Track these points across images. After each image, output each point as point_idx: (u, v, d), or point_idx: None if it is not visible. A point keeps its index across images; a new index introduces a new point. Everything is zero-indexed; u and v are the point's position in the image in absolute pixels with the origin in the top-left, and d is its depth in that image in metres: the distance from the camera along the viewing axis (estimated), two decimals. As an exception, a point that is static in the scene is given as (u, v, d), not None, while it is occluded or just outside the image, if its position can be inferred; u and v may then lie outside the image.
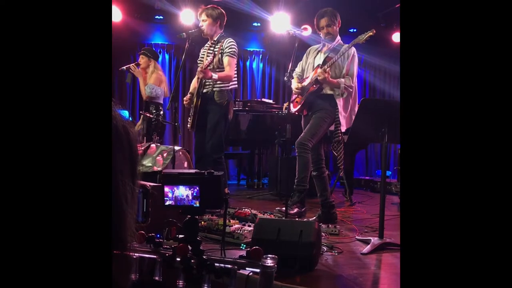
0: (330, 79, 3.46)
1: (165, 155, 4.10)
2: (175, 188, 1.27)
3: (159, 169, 4.00)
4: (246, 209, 3.50)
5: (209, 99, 3.83)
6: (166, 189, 1.27)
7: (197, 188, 1.25)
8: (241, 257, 1.14)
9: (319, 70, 3.48)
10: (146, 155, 4.14)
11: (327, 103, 3.57)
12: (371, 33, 3.37)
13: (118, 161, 0.60)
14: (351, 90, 3.54)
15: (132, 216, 0.61)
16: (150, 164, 4.05)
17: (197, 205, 1.26)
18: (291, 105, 3.76)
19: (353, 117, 3.65)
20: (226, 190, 3.96)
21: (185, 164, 4.37)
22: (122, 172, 0.61)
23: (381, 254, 2.75)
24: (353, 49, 3.58)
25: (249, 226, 3.03)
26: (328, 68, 3.45)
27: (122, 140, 0.62)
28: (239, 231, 2.91)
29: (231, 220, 3.18)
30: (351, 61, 3.56)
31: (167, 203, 1.29)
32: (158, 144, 4.38)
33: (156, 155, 4.13)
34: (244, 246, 2.26)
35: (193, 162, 4.65)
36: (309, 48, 3.82)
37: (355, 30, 7.21)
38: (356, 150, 5.45)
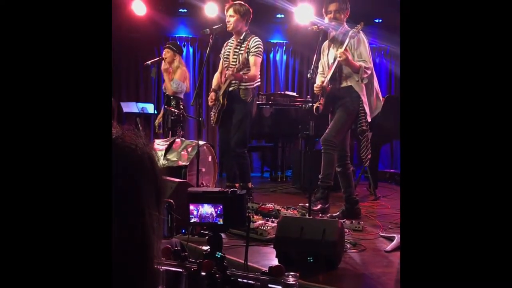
0: (352, 60, 3.42)
1: (189, 149, 4.16)
2: (200, 206, 1.31)
3: (184, 163, 4.06)
4: (269, 205, 3.52)
5: (235, 96, 3.86)
6: (191, 207, 1.32)
7: (221, 206, 1.29)
8: (263, 273, 1.17)
9: (339, 50, 3.44)
10: (171, 149, 4.20)
11: (348, 97, 3.53)
12: (359, 27, 3.44)
13: (144, 194, 0.61)
14: (369, 72, 3.49)
15: (158, 244, 0.63)
16: (175, 159, 4.11)
17: (221, 222, 1.31)
18: (320, 107, 3.71)
19: (381, 98, 3.61)
20: (250, 185, 4.00)
21: (209, 159, 4.42)
22: (149, 204, 0.62)
23: (405, 252, 2.73)
24: (359, 34, 3.52)
25: (273, 222, 3.06)
26: (345, 47, 3.41)
27: (148, 172, 0.63)
28: (262, 227, 2.94)
29: (255, 216, 3.21)
30: (358, 45, 3.50)
31: (192, 220, 1.33)
32: (183, 139, 4.44)
33: (181, 149, 4.19)
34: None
35: (217, 156, 4.70)
36: (323, 45, 3.76)
37: (380, 20, 7.09)
38: (381, 144, 5.40)
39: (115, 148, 0.60)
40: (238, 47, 3.89)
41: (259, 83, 4.04)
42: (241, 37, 3.89)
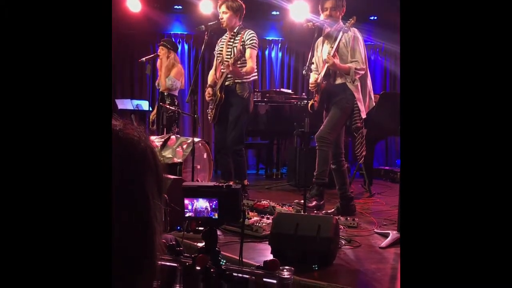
0: (340, 64, 3.43)
1: (184, 146, 4.15)
2: (194, 201, 1.31)
3: (179, 160, 4.05)
4: (264, 201, 3.53)
5: (231, 92, 3.86)
6: (186, 201, 1.32)
7: (216, 200, 1.30)
8: (258, 267, 1.17)
9: (328, 49, 3.46)
10: (166, 146, 4.20)
11: (342, 94, 3.53)
12: (352, 21, 3.45)
13: (148, 185, 0.64)
14: (362, 73, 3.49)
15: (160, 232, 0.65)
16: (170, 156, 4.11)
17: (216, 217, 1.31)
18: (314, 104, 3.71)
19: (373, 97, 3.62)
20: (246, 182, 4.00)
21: (205, 155, 4.41)
22: (153, 194, 0.64)
23: (399, 248, 2.74)
24: (352, 32, 3.50)
25: (268, 218, 3.06)
26: (334, 52, 3.42)
27: (150, 164, 0.65)
28: (257, 223, 2.95)
29: (250, 212, 3.21)
30: (352, 42, 3.50)
31: (187, 214, 1.34)
32: (178, 136, 4.43)
33: (176, 146, 4.18)
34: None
35: (213, 153, 4.70)
36: (317, 42, 3.76)
37: (375, 17, 7.09)
38: (375, 141, 5.41)
39: (119, 139, 0.63)
40: (232, 40, 3.89)
41: (256, 76, 4.03)
42: (235, 31, 3.89)
